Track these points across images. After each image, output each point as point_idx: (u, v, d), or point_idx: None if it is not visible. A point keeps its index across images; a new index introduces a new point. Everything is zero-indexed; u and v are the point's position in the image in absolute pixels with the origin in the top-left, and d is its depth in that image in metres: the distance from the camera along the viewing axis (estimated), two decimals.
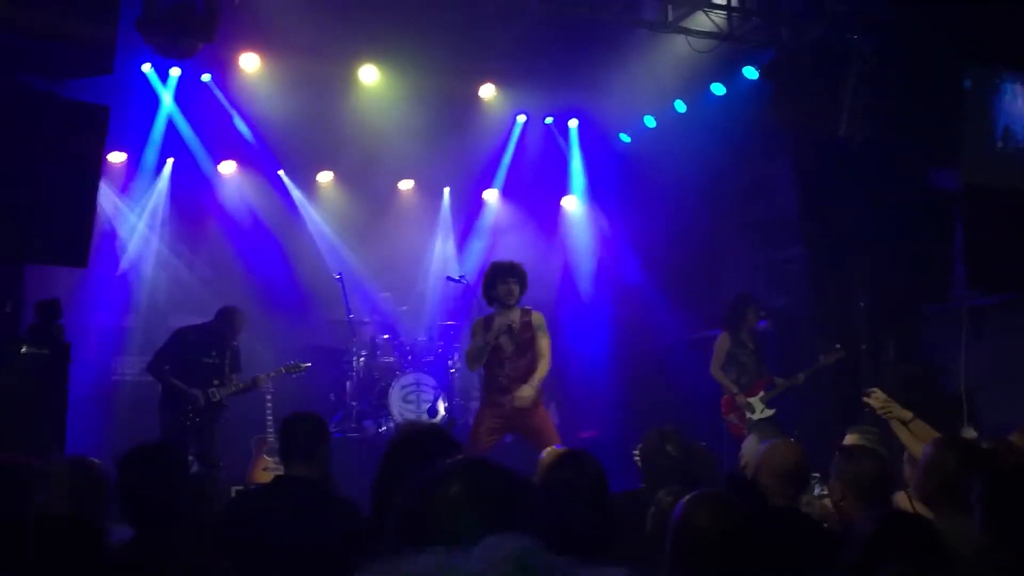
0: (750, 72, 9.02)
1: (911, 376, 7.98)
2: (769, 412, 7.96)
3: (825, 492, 4.61)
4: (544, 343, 6.71)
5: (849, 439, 5.21)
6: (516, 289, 6.61)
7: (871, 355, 8.03)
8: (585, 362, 10.43)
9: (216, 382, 7.61)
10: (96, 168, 5.88)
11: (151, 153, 9.99)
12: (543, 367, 6.66)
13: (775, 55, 8.61)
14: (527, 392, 6.52)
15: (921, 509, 3.87)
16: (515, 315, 6.68)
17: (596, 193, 11.40)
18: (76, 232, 5.77)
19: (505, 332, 6.57)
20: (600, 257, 11.32)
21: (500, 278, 6.63)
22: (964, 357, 7.47)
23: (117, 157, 9.81)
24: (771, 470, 3.69)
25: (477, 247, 11.52)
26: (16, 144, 5.48)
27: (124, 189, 10.03)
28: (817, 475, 4.98)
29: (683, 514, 2.59)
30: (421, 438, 2.78)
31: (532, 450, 6.33)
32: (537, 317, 6.79)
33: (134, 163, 10.00)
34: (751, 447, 4.68)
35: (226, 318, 7.78)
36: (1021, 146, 7.58)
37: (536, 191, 11.41)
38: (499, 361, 6.63)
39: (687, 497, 2.66)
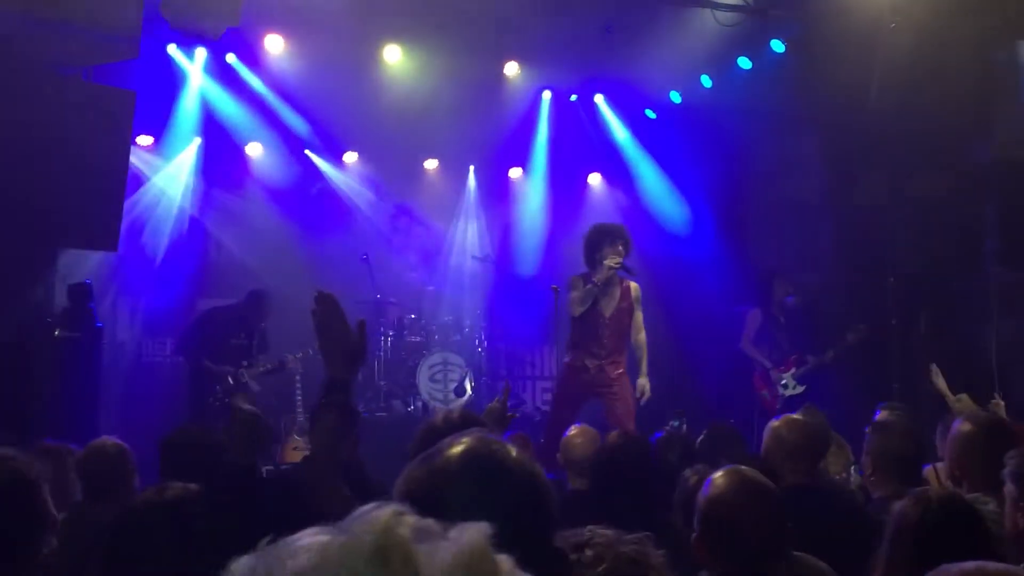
0: (777, 45, 8.91)
1: (942, 352, 7.91)
2: (800, 388, 7.93)
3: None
4: (640, 316, 6.71)
5: (881, 415, 5.20)
6: (623, 251, 6.48)
7: (901, 331, 7.96)
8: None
9: (244, 363, 7.68)
10: (125, 153, 5.93)
11: (177, 135, 10.03)
12: (644, 342, 6.69)
13: (802, 27, 8.50)
14: (646, 385, 6.58)
15: (947, 483, 3.85)
16: (615, 281, 6.60)
17: (621, 170, 11.33)
18: (106, 216, 5.83)
19: (615, 267, 6.42)
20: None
21: (608, 240, 6.50)
22: (995, 332, 7.39)
23: (145, 139, 9.87)
24: (778, 449, 3.69)
25: (503, 225, 11.50)
26: (45, 130, 5.53)
27: (152, 171, 10.09)
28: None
29: (712, 493, 2.59)
30: (453, 426, 2.78)
31: (607, 418, 6.35)
32: (635, 288, 6.73)
33: (160, 145, 10.05)
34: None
35: (254, 300, 7.84)
36: None
37: (562, 169, 11.36)
38: (595, 324, 6.54)
39: (716, 474, 2.65)
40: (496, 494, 1.46)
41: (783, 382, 7.98)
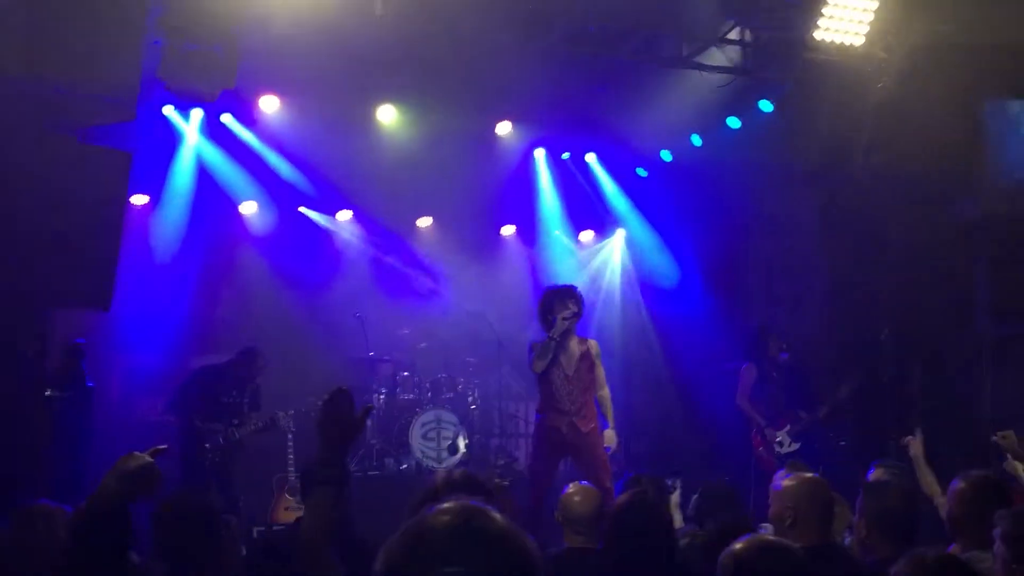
0: (766, 105, 9.05)
1: (936, 407, 7.91)
2: (795, 446, 7.90)
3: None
4: (602, 372, 6.89)
5: (875, 474, 5.17)
6: (576, 310, 6.68)
7: (895, 386, 7.97)
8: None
9: (235, 421, 7.62)
10: (120, 213, 5.96)
11: (173, 195, 10.09)
12: (608, 396, 6.87)
13: (790, 88, 8.64)
14: (613, 436, 6.73)
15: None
16: (573, 340, 6.75)
17: (613, 227, 11.43)
18: (100, 276, 5.84)
19: (569, 318, 6.60)
20: (620, 290, 11.32)
21: (559, 299, 6.70)
22: (989, 387, 7.41)
23: (139, 199, 9.92)
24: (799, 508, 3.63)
25: (495, 283, 11.53)
26: (40, 190, 5.56)
27: (147, 231, 10.12)
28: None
29: (739, 561, 2.56)
30: (454, 487, 2.76)
31: (584, 475, 6.36)
32: (594, 345, 6.91)
33: (156, 205, 10.10)
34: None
35: (247, 357, 7.81)
36: None
37: (554, 225, 11.44)
38: (560, 382, 6.68)
39: (742, 544, 2.61)
40: (485, 566, 1.44)
41: (778, 440, 7.95)
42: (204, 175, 10.09)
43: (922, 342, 8.12)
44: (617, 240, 11.49)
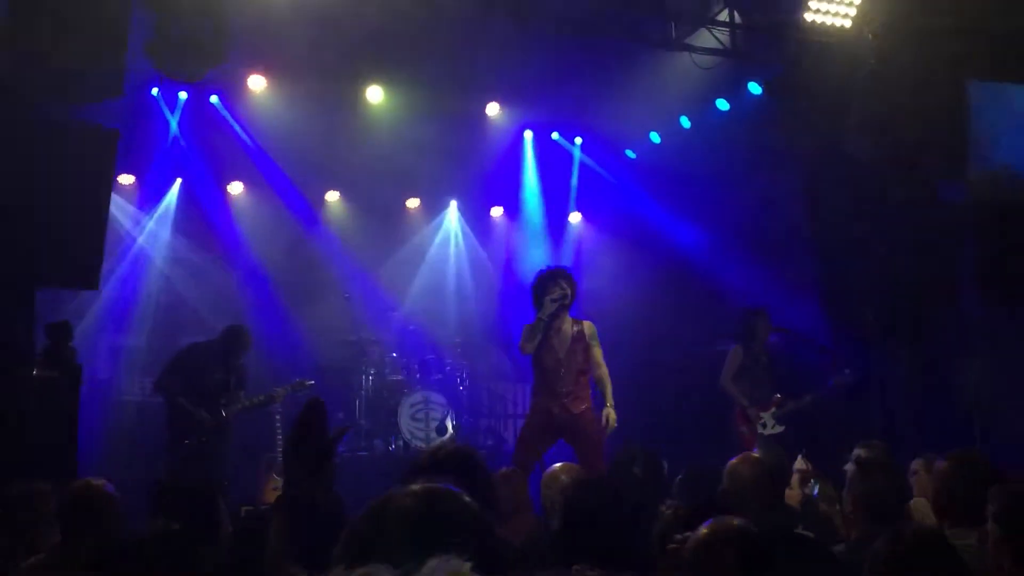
0: (754, 87, 9.06)
1: (922, 388, 7.97)
2: (779, 428, 7.93)
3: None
4: (598, 352, 6.78)
5: (857, 453, 5.21)
6: (568, 291, 6.63)
7: (881, 369, 8.02)
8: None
9: (223, 400, 7.60)
10: (106, 191, 5.92)
11: (159, 174, 10.05)
12: (606, 376, 6.74)
13: (779, 70, 8.64)
14: (611, 414, 6.60)
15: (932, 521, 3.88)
16: (567, 322, 6.71)
17: (601, 209, 11.43)
18: (87, 255, 5.80)
19: (558, 299, 6.55)
20: (608, 272, 11.33)
21: (552, 280, 6.65)
22: (975, 369, 7.46)
23: (126, 179, 9.87)
24: (736, 489, 3.72)
25: (484, 264, 11.55)
26: (27, 168, 5.52)
27: (134, 210, 10.08)
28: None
29: (706, 541, 2.59)
30: (448, 459, 2.75)
31: (577, 458, 6.37)
32: (589, 326, 6.82)
33: (143, 184, 10.06)
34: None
35: (232, 336, 7.77)
36: None
37: (542, 207, 11.45)
38: (552, 363, 6.65)
39: (711, 526, 2.65)
40: (444, 551, 1.42)
41: (762, 420, 8.00)
42: (191, 155, 10.05)
43: (909, 324, 8.16)
44: (603, 223, 11.51)
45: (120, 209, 9.78)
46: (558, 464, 4.76)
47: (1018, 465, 4.75)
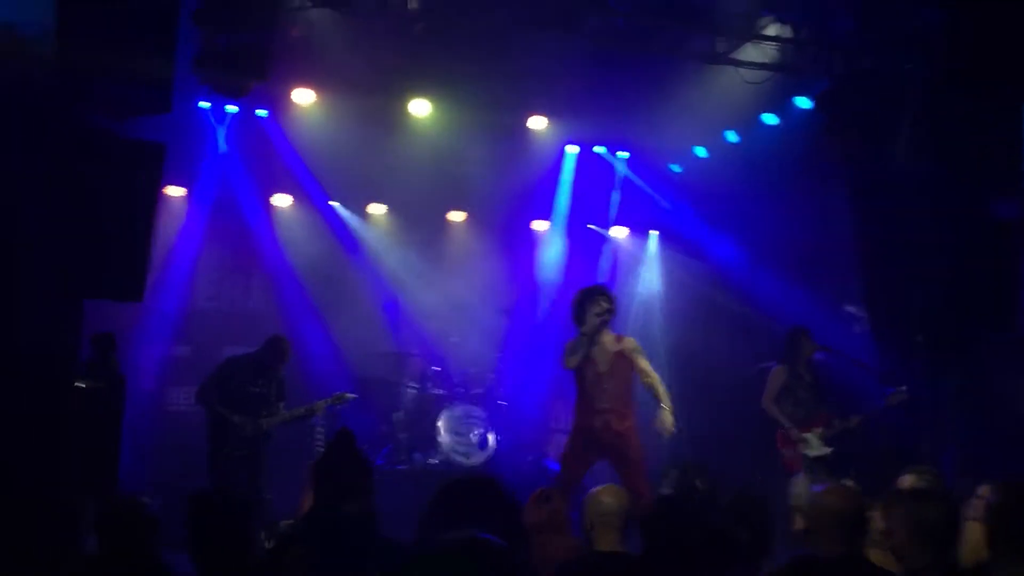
0: (803, 102, 8.92)
1: (972, 412, 7.77)
2: (826, 450, 7.75)
3: None
4: (644, 362, 6.80)
5: (907, 480, 5.07)
6: (608, 307, 6.66)
7: (930, 390, 7.82)
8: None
9: (264, 412, 7.63)
10: (152, 205, 5.97)
11: (207, 187, 10.18)
12: (657, 381, 6.73)
13: (829, 85, 8.50)
14: (667, 417, 6.57)
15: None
16: (608, 338, 6.68)
17: (645, 223, 11.35)
18: (133, 267, 5.86)
19: (601, 315, 6.58)
20: (650, 288, 11.24)
21: (591, 298, 6.70)
22: None
23: (175, 191, 10.01)
24: (825, 516, 3.56)
25: (528, 278, 11.51)
26: (75, 182, 5.59)
27: (181, 222, 10.21)
28: None
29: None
30: (469, 489, 2.72)
31: (619, 478, 6.31)
32: (630, 341, 6.89)
33: (191, 197, 10.19)
34: (800, 490, 4.57)
35: (272, 347, 7.82)
36: None
37: (585, 222, 11.39)
38: (594, 379, 6.62)
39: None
40: None
41: (806, 441, 7.82)
42: (237, 167, 10.16)
43: (960, 344, 7.95)
44: (651, 240, 11.43)
45: (168, 221, 9.91)
46: (600, 486, 4.70)
47: None
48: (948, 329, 7.92)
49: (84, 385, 5.87)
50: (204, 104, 9.59)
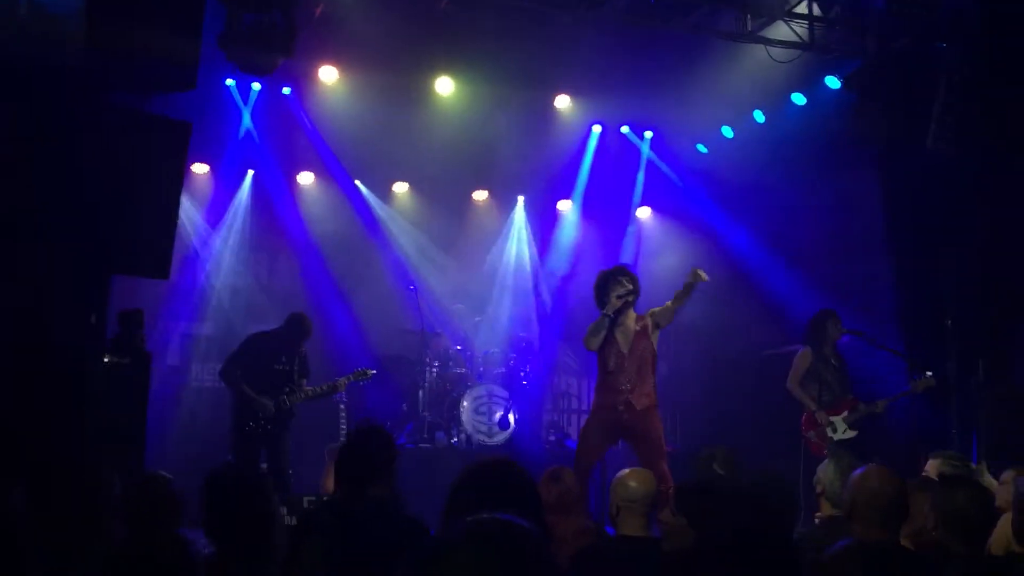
0: (832, 82, 8.78)
1: (1000, 399, 7.67)
2: (852, 433, 7.69)
3: None
4: (660, 310, 6.76)
5: (932, 465, 5.02)
6: (632, 288, 6.63)
7: (959, 377, 7.74)
8: (660, 373, 10.30)
9: (287, 389, 7.67)
10: (178, 182, 5.98)
11: (233, 164, 10.21)
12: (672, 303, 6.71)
13: (859, 65, 8.37)
14: (699, 270, 6.50)
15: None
16: (631, 318, 6.70)
17: (671, 204, 11.26)
18: (158, 244, 5.88)
19: (623, 295, 6.57)
20: (675, 268, 11.16)
21: (613, 279, 6.68)
22: None
23: (200, 168, 10.05)
24: (868, 500, 3.46)
25: (552, 258, 11.49)
26: (102, 159, 5.61)
27: (206, 199, 10.26)
28: None
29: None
30: (490, 471, 2.71)
31: (638, 459, 6.30)
32: (648, 316, 6.81)
33: (216, 174, 10.23)
34: (828, 473, 4.51)
35: (295, 324, 7.84)
36: None
37: (610, 202, 11.33)
38: (616, 358, 6.64)
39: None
40: None
41: (832, 425, 7.77)
42: (262, 145, 10.18)
43: (989, 331, 7.86)
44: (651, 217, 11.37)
45: (193, 198, 9.96)
46: (627, 470, 4.67)
47: None
48: (978, 315, 7.83)
49: (110, 361, 5.91)
50: (230, 82, 9.61)
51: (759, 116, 9.82)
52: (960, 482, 3.73)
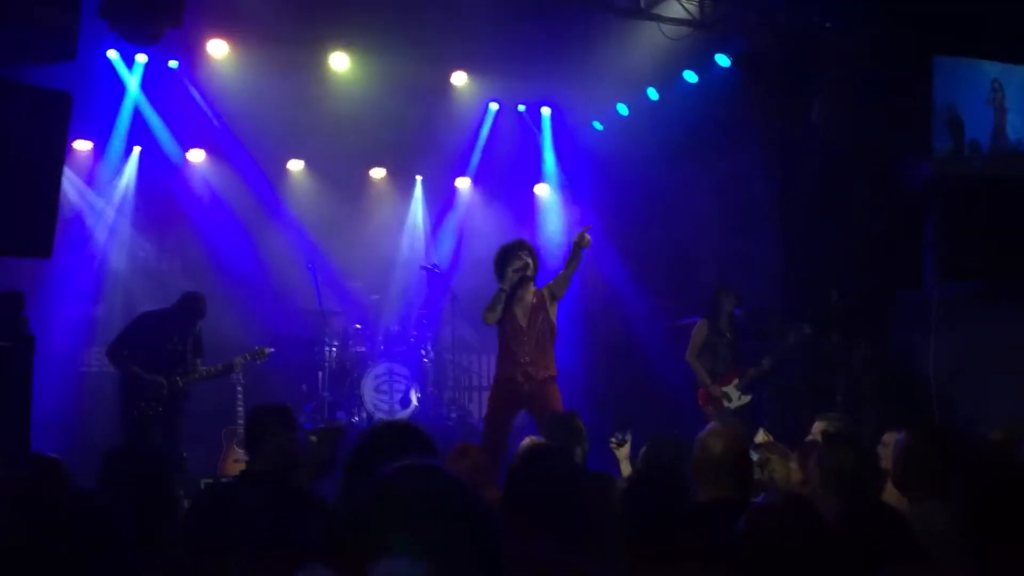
0: (722, 60, 9.00)
1: (883, 366, 8.03)
2: (746, 399, 7.98)
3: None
4: (554, 282, 6.87)
5: (818, 427, 5.23)
6: (530, 263, 6.72)
7: (844, 345, 8.06)
8: (560, 351, 10.40)
9: (180, 369, 7.46)
10: (59, 157, 5.73)
11: (118, 141, 9.84)
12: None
13: (747, 43, 8.59)
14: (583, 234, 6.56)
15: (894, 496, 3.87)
16: (529, 292, 6.77)
17: (568, 181, 11.37)
18: (40, 223, 5.63)
19: (519, 271, 6.65)
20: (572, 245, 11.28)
21: (512, 252, 6.75)
22: (934, 347, 7.52)
23: (83, 145, 9.65)
24: (704, 461, 3.58)
25: (449, 235, 11.47)
26: None
27: (90, 177, 9.87)
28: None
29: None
30: (392, 435, 2.69)
31: (540, 429, 6.35)
32: (547, 291, 6.91)
33: (100, 151, 9.84)
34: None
35: (188, 303, 7.63)
36: (988, 136, 7.62)
37: (509, 179, 11.37)
38: (514, 332, 6.71)
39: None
40: (447, 527, 1.40)
41: (726, 394, 8.01)
42: (150, 120, 9.84)
43: (871, 301, 8.20)
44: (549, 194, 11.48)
45: (76, 176, 9.57)
46: (528, 439, 4.72)
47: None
48: (861, 287, 8.16)
49: None
50: (112, 53, 9.23)
51: (653, 94, 9.98)
52: (841, 438, 3.89)
